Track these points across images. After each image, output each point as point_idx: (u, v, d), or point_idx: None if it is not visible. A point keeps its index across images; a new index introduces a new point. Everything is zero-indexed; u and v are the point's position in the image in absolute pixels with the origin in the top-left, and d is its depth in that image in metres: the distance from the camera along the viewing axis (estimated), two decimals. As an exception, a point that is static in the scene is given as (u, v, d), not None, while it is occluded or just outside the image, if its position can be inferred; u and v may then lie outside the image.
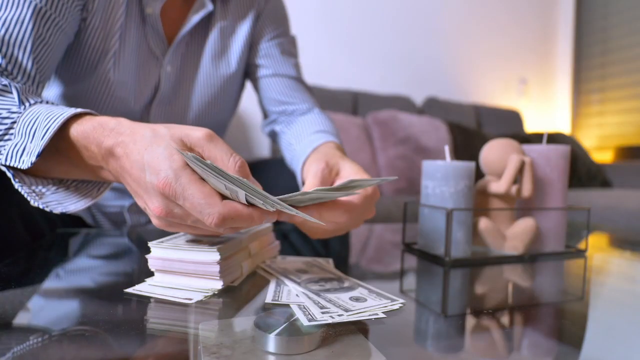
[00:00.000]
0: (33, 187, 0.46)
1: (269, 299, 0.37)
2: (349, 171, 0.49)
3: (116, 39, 0.65)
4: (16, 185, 0.45)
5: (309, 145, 0.68)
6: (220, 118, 0.83)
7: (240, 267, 0.43)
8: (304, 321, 0.31)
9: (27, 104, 0.47)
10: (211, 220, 0.34)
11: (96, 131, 0.41)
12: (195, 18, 0.71)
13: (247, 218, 0.35)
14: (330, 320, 0.32)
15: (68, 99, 0.70)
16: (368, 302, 0.36)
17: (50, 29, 0.56)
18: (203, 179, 0.35)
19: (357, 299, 0.37)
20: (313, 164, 0.49)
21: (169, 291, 0.39)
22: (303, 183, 0.67)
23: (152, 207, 0.36)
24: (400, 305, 0.37)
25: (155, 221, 0.38)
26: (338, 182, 0.48)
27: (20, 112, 0.46)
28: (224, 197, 0.35)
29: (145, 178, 0.36)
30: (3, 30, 0.53)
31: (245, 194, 0.33)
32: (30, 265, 0.51)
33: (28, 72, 0.54)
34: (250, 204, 0.35)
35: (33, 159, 0.42)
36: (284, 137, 0.81)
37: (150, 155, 0.36)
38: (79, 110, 0.43)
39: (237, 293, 0.40)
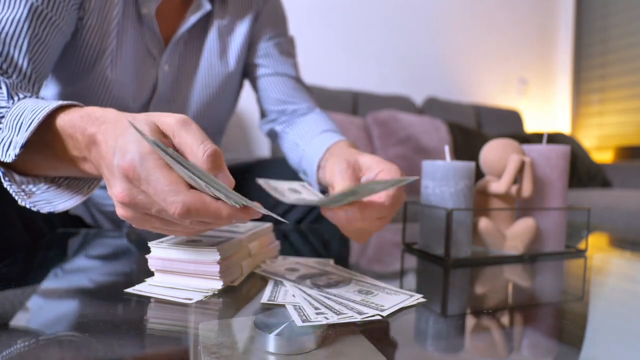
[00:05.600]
0: (23, 186, 0.46)
1: (265, 299, 0.37)
2: (370, 164, 0.47)
3: (112, 37, 0.65)
4: (5, 184, 0.45)
5: (320, 145, 0.68)
6: (218, 118, 0.83)
7: (240, 267, 0.43)
8: (297, 322, 0.31)
9: (15, 99, 0.47)
10: (174, 209, 0.31)
11: (83, 120, 0.40)
12: (193, 18, 0.71)
13: (213, 212, 0.32)
14: (324, 321, 0.31)
15: (66, 99, 0.69)
16: (383, 296, 0.36)
17: (47, 28, 0.56)
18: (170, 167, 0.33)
19: (367, 293, 0.37)
20: (334, 166, 0.47)
21: (169, 291, 0.39)
22: (319, 183, 0.67)
23: (116, 192, 0.34)
24: (420, 300, 0.38)
25: (119, 211, 0.36)
26: (364, 178, 0.46)
27: (8, 107, 0.45)
28: (192, 188, 0.33)
29: (114, 161, 0.34)
30: None
31: (206, 185, 0.31)
32: (30, 265, 0.51)
33: (24, 71, 0.54)
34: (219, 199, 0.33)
35: (17, 151, 0.42)
36: (287, 138, 0.81)
37: (122, 139, 0.34)
38: (65, 102, 0.43)
39: (237, 293, 0.40)
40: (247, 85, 0.89)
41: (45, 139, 0.43)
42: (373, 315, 0.34)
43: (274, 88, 0.82)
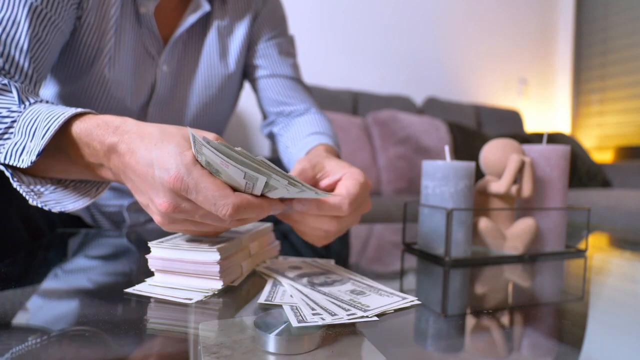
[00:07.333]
0: (31, 187, 0.47)
1: (262, 299, 0.37)
2: (333, 168, 0.48)
3: (110, 36, 0.65)
4: (14, 185, 0.45)
5: (304, 148, 0.69)
6: (218, 118, 0.83)
7: (240, 267, 0.43)
8: (293, 322, 0.31)
9: (27, 103, 0.47)
10: (225, 210, 0.35)
11: (100, 128, 0.41)
12: (191, 18, 0.71)
13: (257, 207, 0.37)
14: (320, 322, 0.31)
15: (64, 99, 0.70)
16: (373, 297, 0.36)
17: (47, 28, 0.56)
18: (213, 174, 0.36)
19: (359, 293, 0.37)
20: (298, 164, 0.49)
21: (169, 291, 0.39)
22: None
23: (159, 202, 0.36)
24: (413, 303, 0.37)
25: (157, 218, 0.38)
26: (326, 181, 0.47)
27: (20, 111, 0.46)
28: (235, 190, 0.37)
29: (152, 174, 0.36)
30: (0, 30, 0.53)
31: (266, 181, 0.35)
32: (30, 265, 0.51)
33: (25, 71, 0.54)
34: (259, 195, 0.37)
35: (33, 158, 0.42)
36: (281, 140, 0.82)
37: (159, 152, 0.36)
38: (80, 110, 0.44)
39: (237, 293, 0.40)
40: (247, 85, 0.89)
41: (59, 144, 0.44)
42: (361, 317, 0.33)
43: (271, 89, 0.82)
